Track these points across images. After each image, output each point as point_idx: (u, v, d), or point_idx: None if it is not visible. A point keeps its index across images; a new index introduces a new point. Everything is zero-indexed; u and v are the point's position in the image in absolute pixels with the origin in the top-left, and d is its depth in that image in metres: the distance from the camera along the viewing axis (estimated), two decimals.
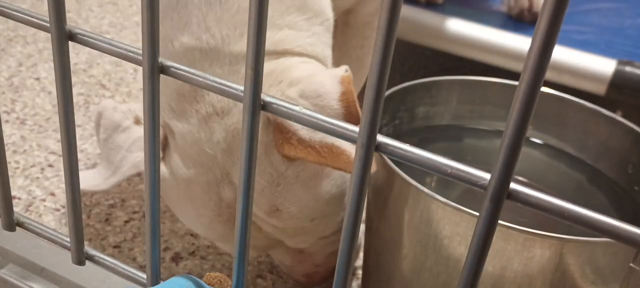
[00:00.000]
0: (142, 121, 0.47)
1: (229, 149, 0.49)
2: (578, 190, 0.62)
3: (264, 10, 0.25)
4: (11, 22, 1.19)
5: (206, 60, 0.48)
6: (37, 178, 0.79)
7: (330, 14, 0.55)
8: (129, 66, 1.11)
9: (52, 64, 0.89)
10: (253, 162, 0.28)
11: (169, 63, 0.29)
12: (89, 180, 0.58)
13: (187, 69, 0.29)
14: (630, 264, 0.24)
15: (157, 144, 0.30)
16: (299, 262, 0.59)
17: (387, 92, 0.57)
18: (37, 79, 1.04)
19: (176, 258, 0.69)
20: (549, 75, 0.88)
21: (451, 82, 0.64)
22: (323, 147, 0.45)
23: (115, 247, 0.70)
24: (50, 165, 0.82)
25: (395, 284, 0.53)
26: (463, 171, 0.24)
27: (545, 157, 0.64)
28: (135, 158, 0.55)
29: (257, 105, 0.27)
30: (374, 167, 0.47)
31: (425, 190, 0.46)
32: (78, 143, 0.79)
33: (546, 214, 0.24)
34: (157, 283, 0.35)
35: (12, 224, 0.39)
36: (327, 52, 0.55)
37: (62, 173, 0.80)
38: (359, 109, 0.47)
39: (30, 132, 0.89)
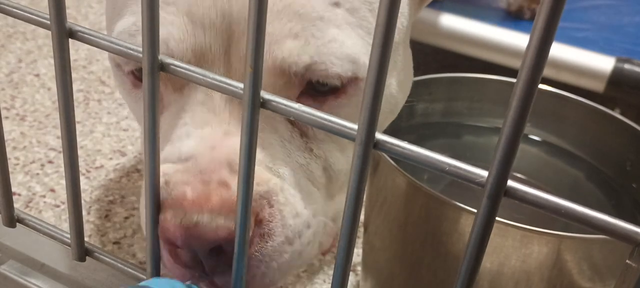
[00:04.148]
0: None
1: None
2: (576, 187, 0.62)
3: (263, 9, 0.25)
4: (10, 19, 1.19)
5: None
6: (37, 174, 0.79)
7: None
8: None
9: (51, 60, 0.89)
10: (253, 159, 0.28)
11: (168, 60, 0.29)
12: None
13: (186, 66, 0.29)
14: (627, 261, 0.24)
15: (156, 142, 0.30)
16: None
17: None
18: (37, 75, 1.04)
19: None
20: (547, 72, 0.89)
21: (450, 79, 0.64)
22: None
23: (115, 243, 0.70)
24: (50, 162, 0.82)
25: (393, 281, 0.53)
26: (461, 168, 0.25)
27: (544, 154, 0.64)
28: None
29: (256, 103, 0.27)
30: None
31: (424, 187, 0.46)
32: (78, 139, 0.79)
33: (543, 211, 0.24)
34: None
35: (13, 220, 0.39)
36: None
37: (62, 169, 0.80)
38: None
39: (30, 128, 0.89)
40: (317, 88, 0.41)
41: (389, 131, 0.60)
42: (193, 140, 0.39)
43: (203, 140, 0.39)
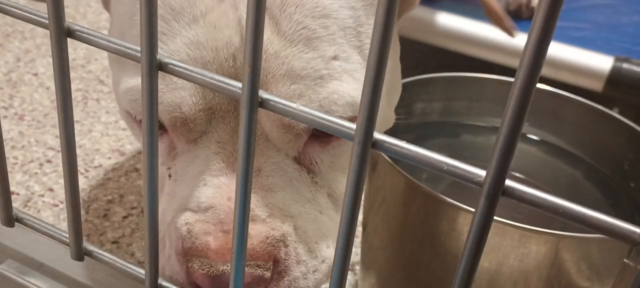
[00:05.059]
0: None
1: None
2: (574, 187, 0.62)
3: (261, 7, 0.25)
4: (9, 18, 1.19)
5: None
6: (36, 173, 0.79)
7: None
8: None
9: (50, 60, 0.89)
10: (251, 158, 0.28)
11: (167, 60, 0.29)
12: None
13: (185, 66, 0.29)
14: (624, 260, 0.24)
15: (155, 141, 0.30)
16: None
17: None
18: (35, 74, 1.04)
19: None
20: (546, 71, 0.89)
21: (448, 79, 0.64)
22: None
23: (113, 242, 0.70)
24: (49, 161, 0.82)
25: (392, 280, 0.53)
26: (459, 168, 0.24)
27: (542, 154, 0.64)
28: None
29: (255, 102, 0.27)
30: None
31: (422, 186, 0.46)
32: (76, 139, 0.80)
33: (541, 211, 0.24)
34: (156, 278, 0.35)
35: (11, 220, 0.39)
36: None
37: (60, 168, 0.80)
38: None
39: (29, 128, 0.89)
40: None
41: (387, 130, 0.61)
42: (211, 190, 0.42)
43: (220, 190, 0.42)
